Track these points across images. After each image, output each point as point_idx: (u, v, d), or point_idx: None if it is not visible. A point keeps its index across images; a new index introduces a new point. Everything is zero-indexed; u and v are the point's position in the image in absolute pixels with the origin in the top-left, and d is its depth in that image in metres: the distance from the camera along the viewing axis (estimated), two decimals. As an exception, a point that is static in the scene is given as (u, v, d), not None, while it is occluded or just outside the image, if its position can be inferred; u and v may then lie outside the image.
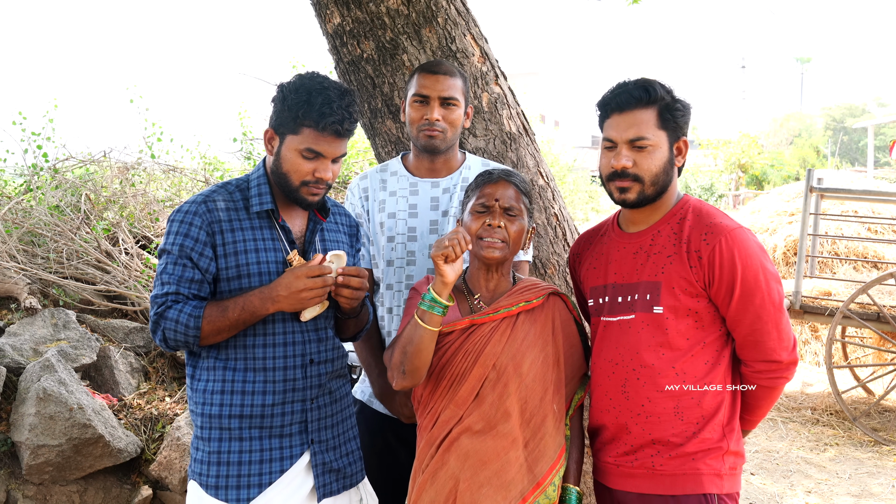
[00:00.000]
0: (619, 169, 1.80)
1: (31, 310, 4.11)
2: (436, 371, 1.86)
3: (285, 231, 1.89)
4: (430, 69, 2.19)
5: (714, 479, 1.75)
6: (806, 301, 5.68)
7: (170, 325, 1.77)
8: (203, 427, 1.86)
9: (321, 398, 1.93)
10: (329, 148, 1.82)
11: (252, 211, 1.87)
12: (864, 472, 4.65)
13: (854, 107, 46.83)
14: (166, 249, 1.82)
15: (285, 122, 1.83)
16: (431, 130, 2.16)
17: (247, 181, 1.93)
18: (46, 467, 3.28)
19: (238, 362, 1.85)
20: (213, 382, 1.85)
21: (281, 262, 1.86)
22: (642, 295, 1.81)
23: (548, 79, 43.22)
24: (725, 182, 24.72)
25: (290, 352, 1.87)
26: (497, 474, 1.78)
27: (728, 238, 1.75)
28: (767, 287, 1.74)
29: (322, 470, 1.90)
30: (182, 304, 1.78)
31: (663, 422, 1.77)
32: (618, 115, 1.82)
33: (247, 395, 1.83)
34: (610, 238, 1.96)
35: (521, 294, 1.91)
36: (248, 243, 1.85)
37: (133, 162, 5.71)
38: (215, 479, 1.82)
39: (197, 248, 1.81)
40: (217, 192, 1.89)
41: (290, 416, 1.87)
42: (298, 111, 1.79)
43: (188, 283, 1.80)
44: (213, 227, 1.83)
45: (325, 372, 1.93)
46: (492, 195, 1.89)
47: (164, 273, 1.81)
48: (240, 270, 1.83)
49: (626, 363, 1.82)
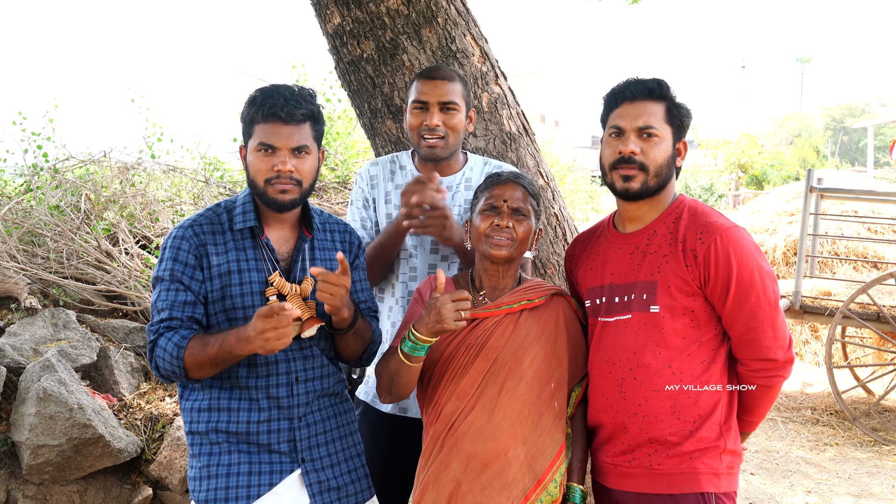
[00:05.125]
0: (627, 154, 1.81)
1: (31, 310, 4.11)
2: (439, 364, 1.88)
3: (270, 250, 1.87)
4: (429, 75, 2.19)
5: (711, 478, 1.76)
6: (806, 301, 5.68)
7: (160, 353, 1.76)
8: (194, 444, 1.87)
9: (310, 416, 1.90)
10: (278, 137, 1.79)
11: (235, 229, 1.86)
12: (864, 472, 4.65)
13: (854, 107, 46.83)
14: (159, 277, 1.83)
15: (245, 131, 1.86)
16: (432, 137, 2.15)
17: (235, 200, 1.93)
18: (46, 467, 3.28)
19: (224, 381, 1.85)
20: (199, 401, 1.86)
21: (264, 283, 1.84)
22: (639, 295, 1.82)
23: (548, 79, 43.20)
24: (725, 182, 24.73)
25: (274, 370, 1.85)
26: (498, 475, 1.79)
27: (723, 237, 1.75)
28: (763, 286, 1.75)
29: (319, 489, 1.88)
30: (173, 332, 1.76)
31: (660, 421, 1.78)
32: (629, 103, 1.84)
33: (232, 412, 1.83)
34: (606, 239, 1.97)
35: (524, 292, 1.93)
36: (231, 264, 1.84)
37: (133, 162, 5.72)
38: (205, 493, 1.81)
39: (187, 272, 1.81)
40: (204, 216, 1.89)
41: (277, 435, 1.85)
42: (249, 113, 1.83)
43: (181, 306, 1.79)
44: (200, 250, 1.83)
45: (314, 390, 1.91)
46: (500, 196, 1.91)
47: (159, 300, 1.81)
48: (223, 292, 1.82)
49: (623, 363, 1.82)
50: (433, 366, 1.90)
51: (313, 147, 1.86)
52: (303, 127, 1.82)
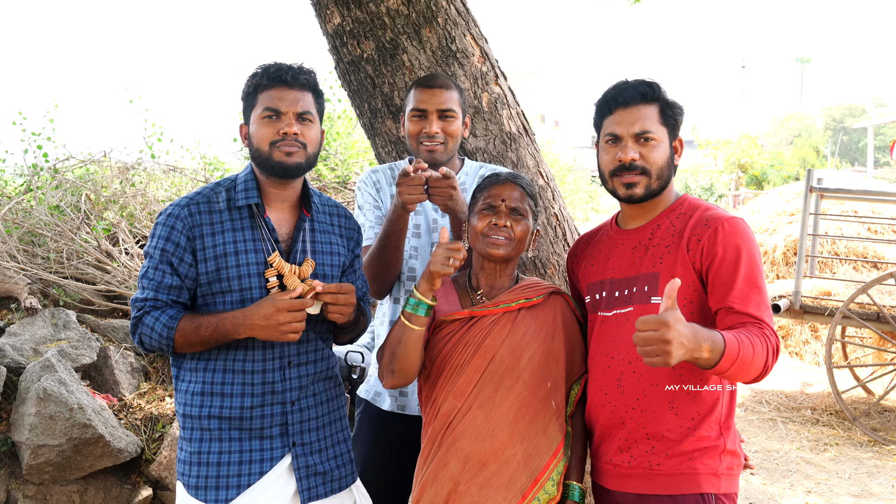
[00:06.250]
0: (628, 162, 1.81)
1: (31, 310, 4.11)
2: (437, 363, 1.89)
3: (269, 229, 1.86)
4: (426, 83, 2.22)
5: (711, 479, 1.75)
6: (806, 301, 5.68)
7: (146, 331, 1.79)
8: (185, 427, 1.87)
9: (303, 400, 1.91)
10: (283, 101, 1.81)
11: (236, 205, 1.85)
12: (864, 472, 4.65)
13: (854, 107, 46.83)
14: (149, 253, 1.83)
15: (247, 105, 1.88)
16: (431, 144, 2.18)
17: (234, 179, 1.92)
18: (46, 467, 3.28)
19: (218, 363, 1.84)
20: (193, 384, 1.86)
21: (262, 264, 1.83)
22: (640, 287, 1.82)
23: (548, 79, 43.22)
24: (725, 182, 24.72)
25: (269, 355, 1.85)
26: (496, 474, 1.80)
27: (729, 222, 1.77)
28: (762, 274, 1.77)
29: (306, 473, 1.88)
30: (160, 311, 1.79)
31: (658, 416, 1.77)
32: (622, 110, 1.83)
33: (226, 397, 1.83)
34: (608, 236, 1.97)
35: (522, 291, 1.94)
36: (227, 246, 1.82)
37: (133, 162, 5.72)
38: (195, 479, 1.82)
39: (177, 254, 1.80)
40: (202, 194, 1.87)
41: (270, 419, 1.86)
42: (252, 83, 1.85)
43: (167, 290, 1.80)
44: (194, 231, 1.81)
45: (307, 374, 1.92)
46: (498, 195, 1.91)
47: (145, 278, 1.82)
48: (219, 274, 1.81)
49: (623, 357, 1.82)
50: (431, 364, 1.91)
51: (316, 118, 1.88)
52: (307, 94, 1.85)
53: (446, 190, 2.01)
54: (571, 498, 1.86)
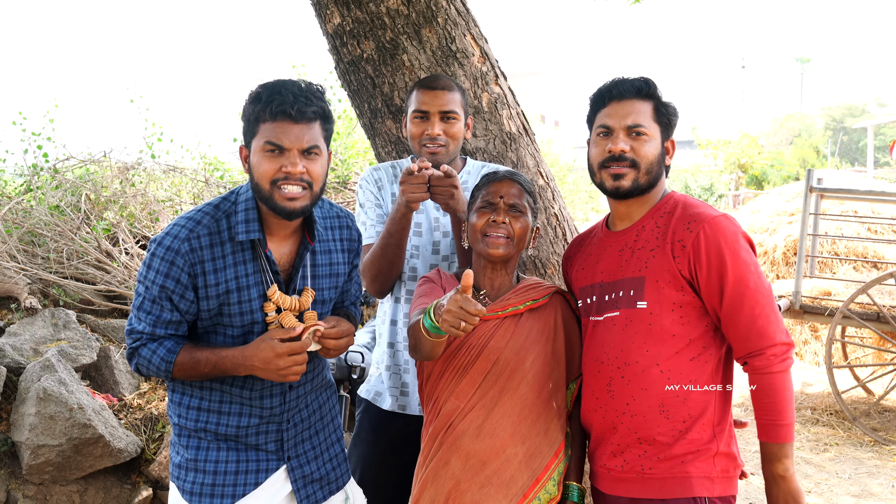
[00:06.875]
0: (618, 153, 1.79)
1: (31, 310, 4.11)
2: (439, 362, 1.89)
3: (270, 262, 1.77)
4: (429, 85, 2.21)
5: (704, 483, 1.72)
6: (806, 301, 5.68)
7: (143, 362, 1.76)
8: (180, 435, 1.86)
9: (296, 416, 1.91)
10: (286, 136, 1.65)
11: (237, 239, 1.74)
12: (864, 472, 4.65)
13: (854, 107, 46.85)
14: (146, 285, 1.73)
15: (248, 130, 1.73)
16: (433, 146, 2.18)
17: (235, 202, 1.78)
18: (46, 467, 3.28)
19: (215, 383, 1.82)
20: (189, 398, 1.83)
21: (262, 297, 1.78)
22: (626, 291, 1.81)
23: (548, 79, 43.23)
24: (725, 182, 24.72)
25: (268, 383, 1.83)
26: (497, 473, 1.80)
27: (711, 224, 1.73)
28: (757, 272, 1.73)
29: (303, 483, 1.88)
30: (157, 343, 1.74)
31: (648, 420, 1.76)
32: (616, 103, 1.83)
33: (223, 415, 1.82)
34: (598, 239, 1.97)
35: (526, 292, 1.93)
36: (230, 283, 1.73)
37: (133, 162, 5.72)
38: (191, 486, 1.81)
39: (178, 291, 1.71)
40: (202, 224, 1.74)
41: (266, 436, 1.86)
42: (253, 111, 1.69)
43: (165, 325, 1.73)
44: (196, 268, 1.71)
45: (304, 392, 1.92)
46: (496, 192, 1.91)
47: (142, 310, 1.74)
48: (221, 310, 1.76)
49: (612, 361, 1.81)
50: (433, 363, 1.90)
51: (323, 148, 1.73)
52: (313, 126, 1.69)
53: (448, 189, 2.01)
54: (571, 498, 1.86)
